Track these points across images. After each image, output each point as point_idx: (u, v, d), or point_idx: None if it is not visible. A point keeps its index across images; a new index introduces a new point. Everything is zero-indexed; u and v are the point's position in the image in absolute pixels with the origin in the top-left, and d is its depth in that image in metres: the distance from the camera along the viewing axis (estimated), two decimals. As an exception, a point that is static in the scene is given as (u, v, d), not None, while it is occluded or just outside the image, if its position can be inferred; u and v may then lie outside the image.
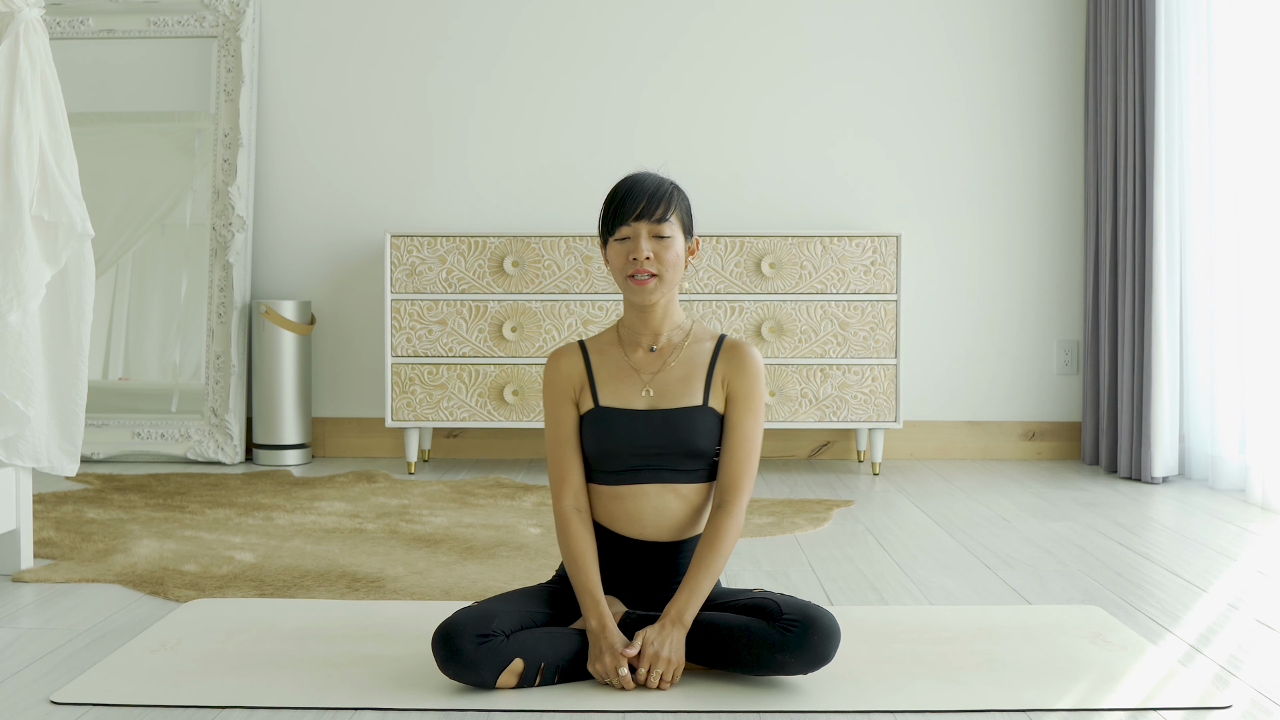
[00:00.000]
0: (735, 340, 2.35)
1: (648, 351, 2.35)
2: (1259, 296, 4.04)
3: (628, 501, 2.29)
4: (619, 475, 2.29)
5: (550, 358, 2.36)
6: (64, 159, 3.01)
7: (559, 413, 2.33)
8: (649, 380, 2.32)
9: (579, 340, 2.38)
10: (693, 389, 2.31)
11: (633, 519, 2.29)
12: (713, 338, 2.36)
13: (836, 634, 2.15)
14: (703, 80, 4.95)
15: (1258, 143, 4.05)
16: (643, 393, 2.31)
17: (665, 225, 2.26)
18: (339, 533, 3.49)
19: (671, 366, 2.32)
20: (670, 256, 2.27)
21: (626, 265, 2.27)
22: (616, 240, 2.28)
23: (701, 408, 2.30)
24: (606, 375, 2.32)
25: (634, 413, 2.29)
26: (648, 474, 2.28)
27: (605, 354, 2.35)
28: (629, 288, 2.29)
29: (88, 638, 2.50)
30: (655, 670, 2.14)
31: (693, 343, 2.35)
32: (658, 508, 2.29)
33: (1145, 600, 2.81)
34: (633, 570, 2.31)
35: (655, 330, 2.34)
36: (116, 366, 4.96)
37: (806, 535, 3.53)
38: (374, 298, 4.94)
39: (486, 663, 2.12)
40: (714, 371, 2.32)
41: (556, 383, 2.34)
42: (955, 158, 4.95)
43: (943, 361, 4.96)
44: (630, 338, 2.36)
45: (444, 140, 4.97)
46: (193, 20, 4.91)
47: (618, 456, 2.28)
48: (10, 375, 2.90)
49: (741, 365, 2.32)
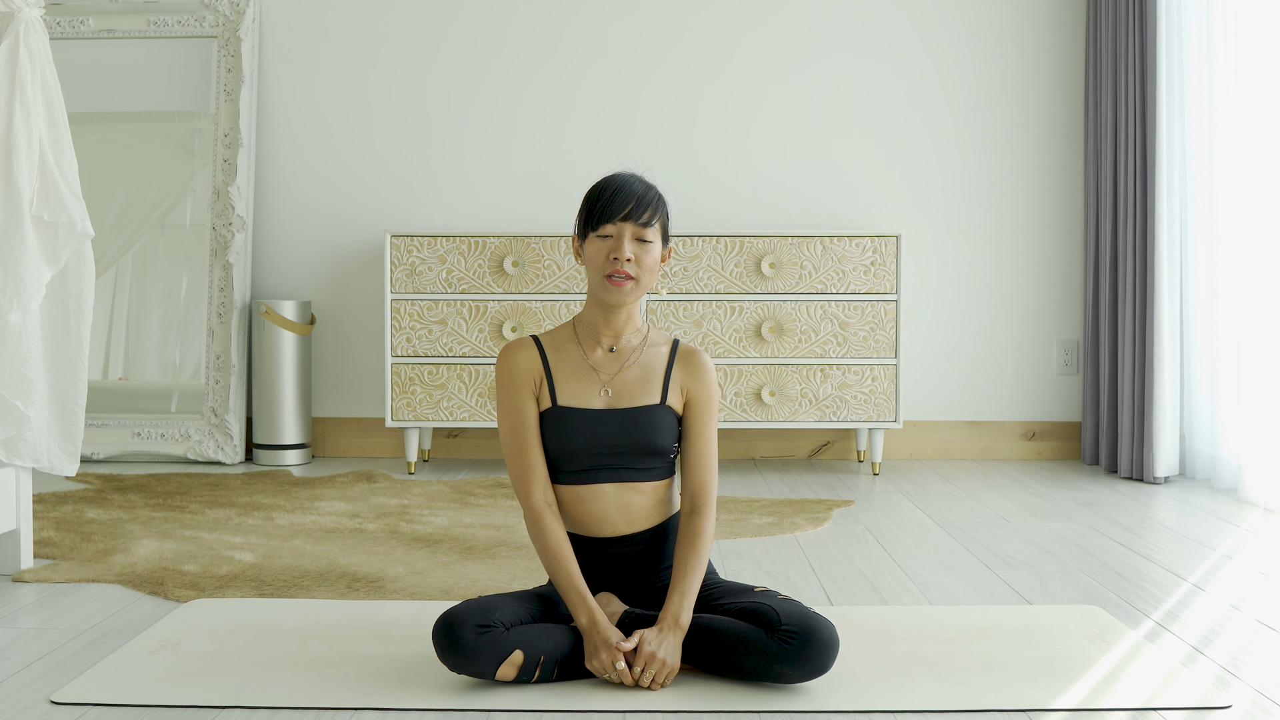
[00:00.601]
0: (690, 346, 2.38)
1: (607, 351, 2.35)
2: (1259, 296, 4.04)
3: (590, 503, 2.30)
4: (579, 475, 2.30)
5: (504, 351, 2.34)
6: (64, 159, 3.01)
7: (520, 406, 2.31)
8: (608, 380, 2.33)
9: (533, 335, 2.37)
10: (650, 389, 2.32)
11: (600, 520, 2.30)
12: (667, 342, 2.39)
13: (835, 645, 2.15)
14: (702, 80, 4.95)
15: (1258, 143, 4.05)
16: (601, 392, 2.32)
17: (649, 230, 2.28)
18: (339, 533, 3.49)
19: (630, 368, 2.34)
20: (649, 261, 2.28)
21: (606, 264, 2.27)
22: (598, 236, 2.28)
23: (660, 406, 2.31)
24: (565, 373, 2.32)
25: (594, 412, 2.30)
26: (607, 473, 2.29)
27: (562, 351, 2.35)
28: (604, 287, 2.29)
29: (88, 638, 2.50)
30: (649, 671, 2.14)
31: (649, 345, 2.37)
32: (621, 505, 2.30)
33: (1145, 600, 2.81)
34: (617, 567, 2.32)
35: (617, 331, 2.35)
36: (116, 366, 4.96)
37: (806, 535, 3.53)
38: (374, 298, 4.94)
39: (486, 653, 2.12)
40: (671, 375, 2.34)
41: (515, 376, 2.32)
42: (955, 158, 4.95)
43: (943, 361, 4.96)
44: (589, 336, 2.36)
45: (444, 140, 4.97)
46: (193, 20, 4.91)
47: (578, 456, 2.29)
48: (10, 375, 2.90)
49: (699, 373, 2.35)
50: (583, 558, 2.31)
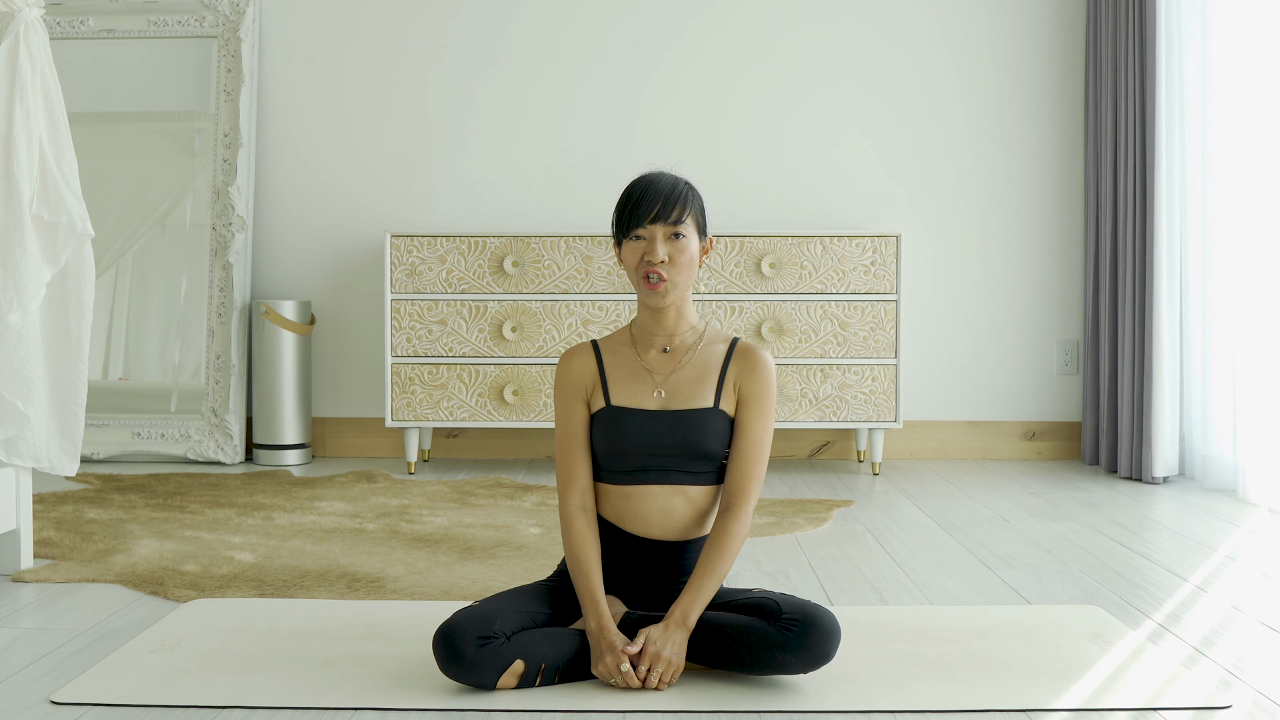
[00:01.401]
0: (748, 344, 2.36)
1: (661, 352, 2.35)
2: (1260, 296, 4.04)
3: (635, 501, 2.29)
4: (628, 475, 2.29)
5: (563, 357, 2.36)
6: (64, 159, 3.01)
7: (570, 411, 2.33)
8: (661, 381, 2.32)
9: (592, 340, 2.38)
10: (705, 391, 2.31)
11: (639, 518, 2.30)
12: (725, 340, 2.37)
13: (837, 633, 2.15)
14: (702, 80, 4.95)
15: (1258, 143, 4.04)
16: (655, 393, 2.32)
17: (681, 226, 2.27)
18: (339, 533, 3.49)
19: (684, 368, 2.33)
20: (685, 259, 2.28)
21: (641, 266, 2.27)
22: (631, 240, 2.28)
23: (713, 410, 2.30)
24: (619, 375, 2.33)
25: (646, 413, 2.30)
26: (657, 475, 2.29)
27: (618, 354, 2.35)
28: (643, 290, 2.29)
29: (88, 638, 2.50)
30: (655, 670, 2.14)
31: (706, 344, 2.35)
32: (664, 509, 2.29)
33: (1146, 600, 2.81)
34: (637, 568, 2.31)
35: (669, 331, 2.35)
36: (116, 366, 4.96)
37: (806, 535, 3.53)
38: (374, 298, 4.94)
39: (487, 664, 2.11)
40: (726, 374, 2.32)
41: (569, 381, 2.34)
42: (955, 158, 4.95)
43: (943, 361, 4.96)
44: (644, 338, 2.36)
45: (444, 140, 4.97)
46: (193, 20, 4.91)
47: (628, 456, 2.29)
48: (10, 375, 2.90)
49: (754, 369, 2.33)
50: (607, 548, 2.31)
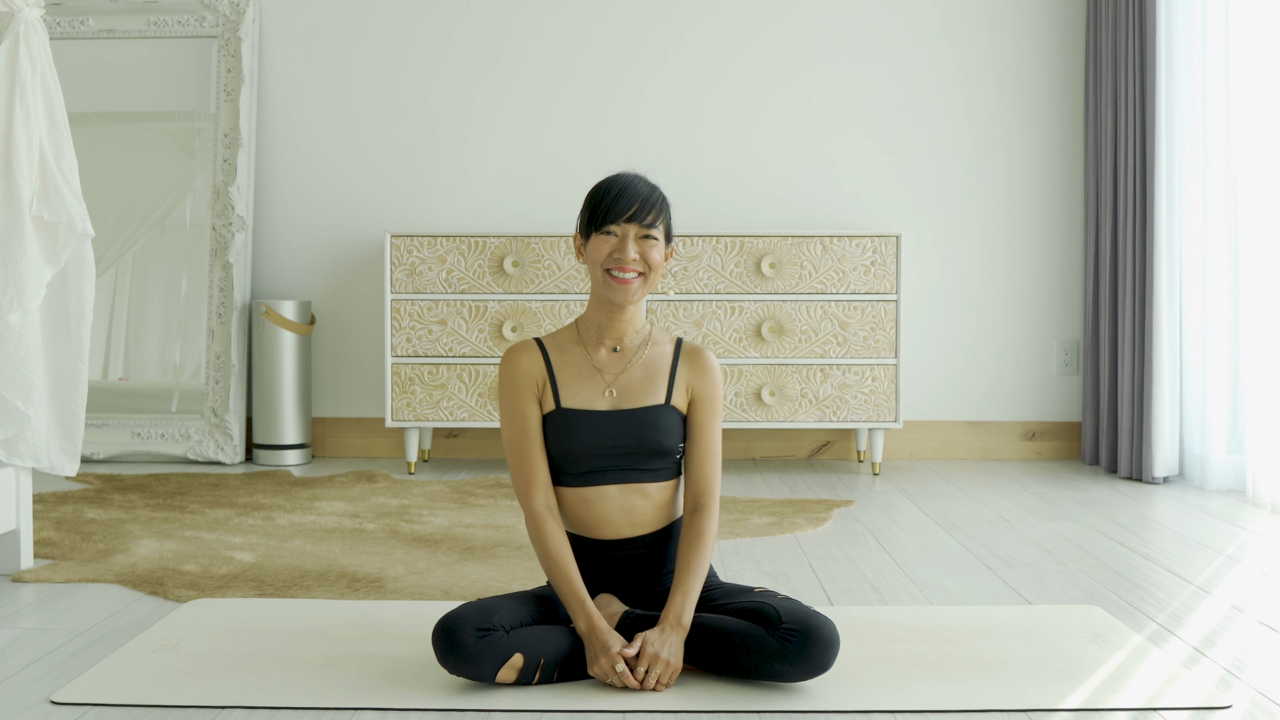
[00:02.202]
0: (694, 345, 2.37)
1: (611, 351, 2.35)
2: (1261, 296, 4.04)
3: (595, 505, 2.29)
4: (583, 477, 2.29)
5: (507, 354, 2.34)
6: (64, 159, 3.01)
7: (522, 409, 2.31)
8: (612, 380, 2.33)
9: (535, 338, 2.37)
10: (655, 389, 2.32)
11: (604, 522, 2.30)
12: (671, 340, 2.38)
13: (835, 644, 2.15)
14: (702, 80, 4.95)
15: (1258, 142, 4.04)
16: (605, 393, 2.31)
17: (653, 230, 2.28)
18: (339, 533, 3.49)
19: (633, 367, 2.33)
20: (654, 260, 2.28)
21: (608, 262, 2.27)
22: (601, 235, 2.28)
23: (665, 406, 2.31)
24: (568, 375, 2.32)
25: (598, 413, 2.29)
26: (613, 474, 2.29)
27: (566, 352, 2.34)
28: (608, 285, 2.28)
29: (88, 638, 2.50)
30: (653, 672, 2.14)
31: (652, 345, 2.36)
32: (625, 508, 2.29)
33: (1145, 600, 2.81)
34: (617, 571, 2.32)
35: (621, 331, 2.34)
36: (116, 366, 4.96)
37: (806, 535, 3.53)
38: (374, 298, 4.94)
39: (486, 656, 2.12)
40: (676, 374, 2.33)
41: (518, 379, 2.31)
42: (955, 158, 4.95)
43: (943, 361, 4.96)
44: (593, 337, 2.35)
45: (444, 140, 4.97)
46: (193, 20, 4.91)
47: (583, 458, 2.28)
48: (10, 375, 2.90)
49: (704, 371, 2.34)
50: (585, 560, 2.31)
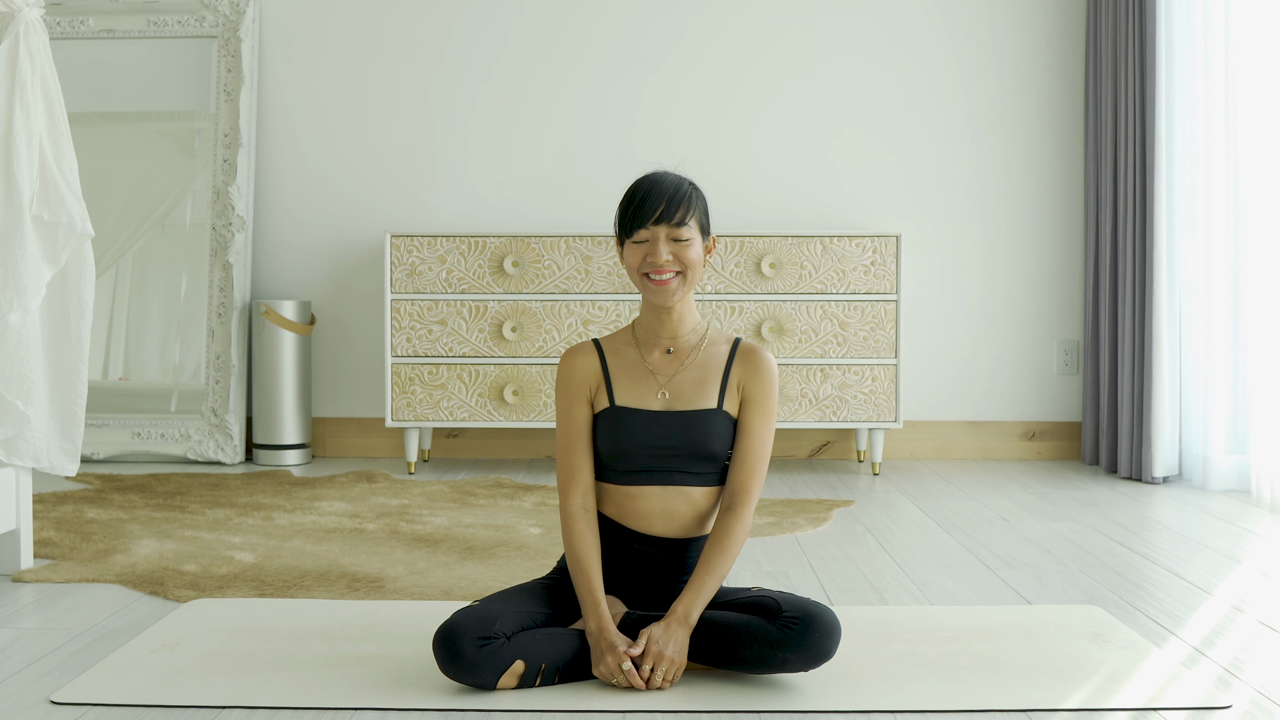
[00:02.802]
0: (751, 344, 2.36)
1: (664, 353, 2.34)
2: (1261, 296, 4.04)
3: (638, 501, 2.29)
4: (631, 475, 2.29)
5: (565, 355, 2.35)
6: (64, 159, 3.01)
7: (572, 410, 2.32)
8: (665, 382, 2.32)
9: (594, 339, 2.38)
10: (708, 391, 2.31)
11: (641, 517, 2.30)
12: (728, 340, 2.37)
13: (837, 630, 2.15)
14: (702, 80, 4.95)
15: (1259, 142, 4.04)
16: (659, 394, 2.31)
17: (684, 229, 2.26)
18: (339, 533, 3.49)
19: (687, 369, 2.33)
20: (690, 258, 2.27)
21: (644, 266, 2.27)
22: (634, 242, 2.28)
23: (716, 411, 2.30)
24: (622, 375, 2.33)
25: (650, 414, 2.29)
26: (660, 475, 2.29)
27: (621, 354, 2.35)
28: (648, 288, 2.28)
29: (88, 638, 2.50)
30: (659, 669, 2.14)
31: (708, 345, 2.35)
32: (666, 509, 2.29)
33: (1145, 600, 2.81)
34: (638, 566, 2.31)
35: (672, 332, 2.34)
36: (116, 366, 4.96)
37: (806, 535, 3.53)
38: (374, 298, 4.94)
39: (487, 665, 2.11)
40: (729, 375, 2.32)
41: (571, 380, 2.33)
42: (955, 158, 4.95)
43: (943, 361, 4.96)
44: (647, 339, 2.36)
45: (444, 140, 4.97)
46: (193, 20, 4.91)
47: (632, 457, 2.28)
48: (10, 375, 2.90)
49: (757, 369, 2.32)
50: (608, 546, 2.31)
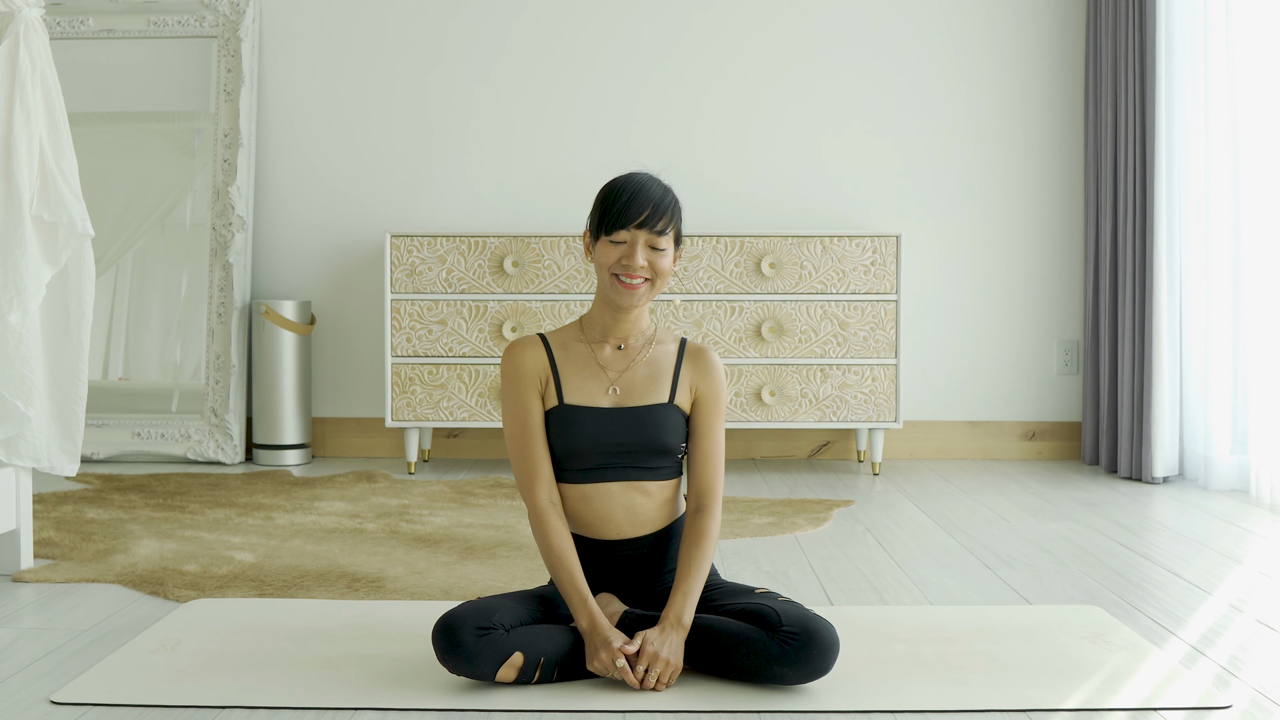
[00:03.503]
0: (698, 345, 2.37)
1: (615, 349, 2.34)
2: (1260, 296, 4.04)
3: (596, 503, 2.29)
4: (585, 474, 2.29)
5: (509, 349, 2.33)
6: (64, 159, 3.01)
7: (525, 404, 2.30)
8: (615, 378, 2.32)
9: (539, 334, 2.36)
10: (659, 388, 2.32)
11: (605, 520, 2.29)
12: (674, 340, 2.38)
13: (835, 647, 2.15)
14: (701, 80, 4.95)
15: (1259, 142, 4.04)
16: (608, 390, 2.31)
17: (662, 239, 2.26)
18: (339, 533, 3.49)
19: (637, 365, 2.33)
20: (663, 266, 2.27)
21: (615, 267, 2.26)
22: (610, 240, 2.27)
23: (668, 405, 2.31)
24: (571, 371, 2.31)
25: (601, 410, 2.29)
26: (614, 472, 2.29)
27: (569, 349, 2.34)
28: (615, 289, 2.28)
29: (88, 638, 2.50)
30: (654, 671, 2.14)
31: (656, 344, 2.36)
32: (627, 506, 2.29)
33: (1145, 600, 2.81)
34: (617, 571, 2.32)
35: (626, 331, 2.34)
36: (116, 366, 4.96)
37: (806, 535, 3.53)
38: (374, 298, 4.94)
39: (486, 655, 2.12)
40: (680, 373, 2.33)
41: (521, 373, 2.31)
42: (955, 158, 4.95)
43: (943, 361, 4.96)
44: (598, 335, 2.35)
45: (444, 140, 4.97)
46: (193, 20, 4.91)
47: (585, 455, 2.28)
48: (10, 375, 2.90)
49: (708, 371, 2.34)
50: (586, 559, 2.31)
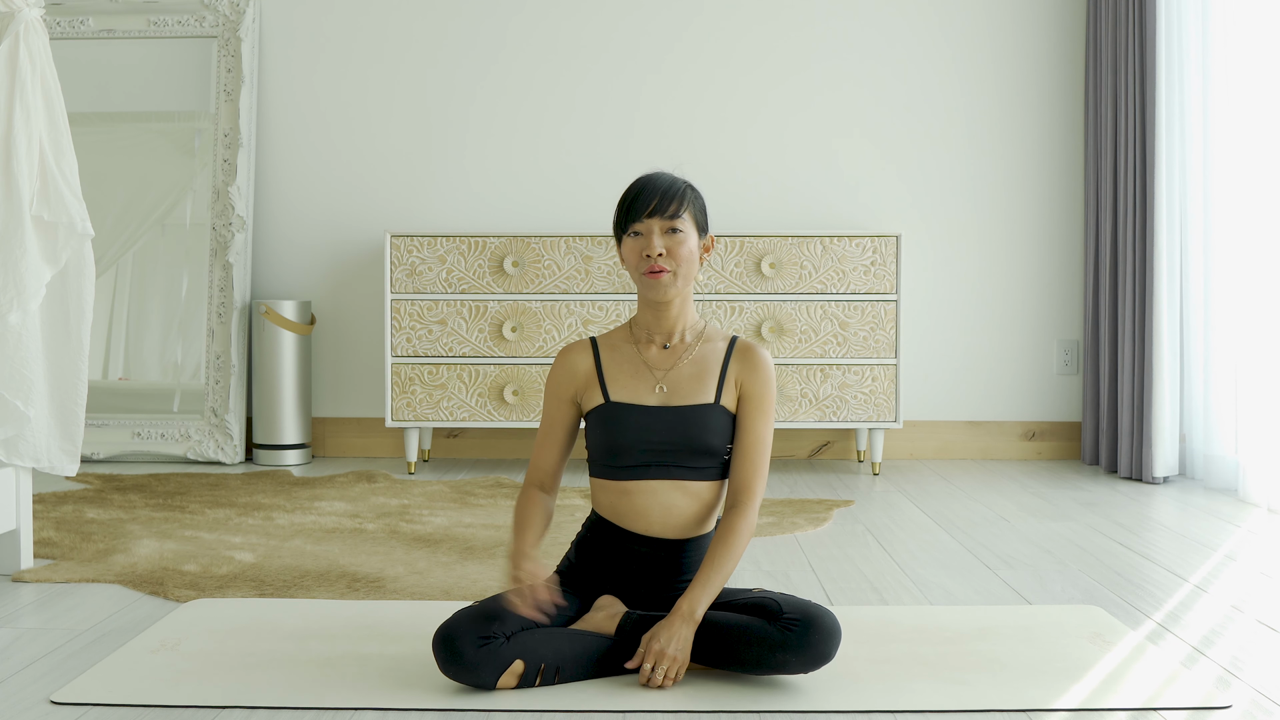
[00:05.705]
0: (748, 342, 2.37)
1: (661, 349, 2.35)
2: (1259, 296, 4.04)
3: (635, 497, 2.29)
4: (629, 471, 2.30)
5: (561, 352, 2.38)
6: (64, 159, 3.01)
7: (553, 407, 2.38)
8: (662, 377, 2.33)
9: (591, 337, 2.39)
10: (705, 387, 2.32)
11: (640, 514, 2.30)
12: (725, 338, 2.38)
13: (837, 633, 2.15)
14: (702, 80, 4.95)
15: (1259, 142, 4.04)
16: (655, 389, 2.32)
17: (678, 221, 2.28)
18: (339, 533, 3.49)
19: (684, 364, 2.33)
20: (684, 252, 2.28)
21: (640, 261, 2.28)
22: (630, 236, 2.29)
23: (714, 405, 2.30)
24: (617, 370, 2.34)
25: (645, 409, 2.30)
26: (657, 470, 2.29)
27: (617, 349, 2.36)
28: (644, 283, 2.30)
29: (88, 638, 2.50)
30: (660, 667, 2.14)
31: (705, 342, 2.36)
32: (665, 504, 2.29)
33: (1145, 600, 2.81)
34: (637, 567, 2.31)
35: (669, 328, 2.35)
36: (116, 366, 4.96)
37: (806, 535, 3.53)
38: (374, 298, 4.95)
39: (487, 665, 2.12)
40: (727, 371, 2.33)
41: (560, 379, 2.37)
42: (955, 158, 4.95)
43: (943, 361, 4.96)
44: (644, 335, 2.37)
45: (444, 140, 4.97)
46: (193, 20, 4.91)
47: (628, 452, 2.29)
48: (10, 375, 2.90)
49: (755, 367, 2.33)
50: (608, 548, 2.31)
